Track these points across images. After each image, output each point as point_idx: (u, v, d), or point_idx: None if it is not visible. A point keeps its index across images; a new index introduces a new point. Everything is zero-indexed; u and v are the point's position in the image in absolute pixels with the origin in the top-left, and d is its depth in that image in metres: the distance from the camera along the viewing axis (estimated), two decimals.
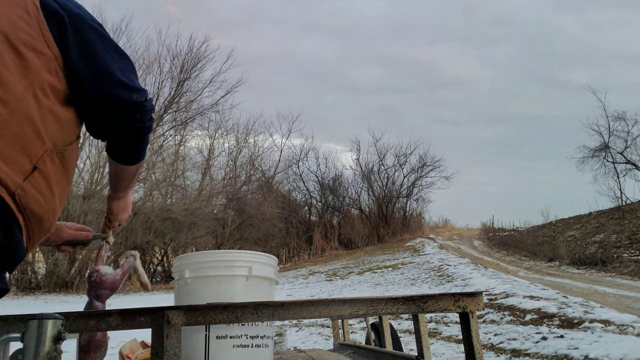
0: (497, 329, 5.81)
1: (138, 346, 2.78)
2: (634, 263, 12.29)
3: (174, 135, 22.16)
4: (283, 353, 2.78)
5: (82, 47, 1.05)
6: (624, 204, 19.01)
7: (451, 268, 12.09)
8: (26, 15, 0.98)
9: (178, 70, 21.07)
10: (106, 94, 1.08)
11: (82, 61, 1.04)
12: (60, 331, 0.78)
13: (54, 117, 1.01)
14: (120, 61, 1.12)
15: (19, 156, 0.92)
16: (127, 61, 1.15)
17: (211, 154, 24.96)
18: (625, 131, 19.43)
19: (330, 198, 27.63)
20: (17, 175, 0.91)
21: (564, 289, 8.69)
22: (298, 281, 15.02)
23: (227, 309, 1.31)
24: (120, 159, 1.29)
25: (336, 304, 1.39)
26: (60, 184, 1.04)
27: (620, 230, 15.96)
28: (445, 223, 32.85)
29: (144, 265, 20.17)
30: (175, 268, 1.89)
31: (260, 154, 27.11)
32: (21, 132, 0.92)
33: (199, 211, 20.09)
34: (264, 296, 1.80)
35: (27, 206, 0.93)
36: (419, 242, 21.16)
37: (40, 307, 11.06)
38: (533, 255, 17.25)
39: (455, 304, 1.46)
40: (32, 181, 0.94)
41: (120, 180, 1.42)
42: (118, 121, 1.14)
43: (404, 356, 2.03)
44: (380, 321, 2.70)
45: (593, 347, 4.49)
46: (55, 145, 1.01)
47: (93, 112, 1.11)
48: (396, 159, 28.05)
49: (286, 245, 23.87)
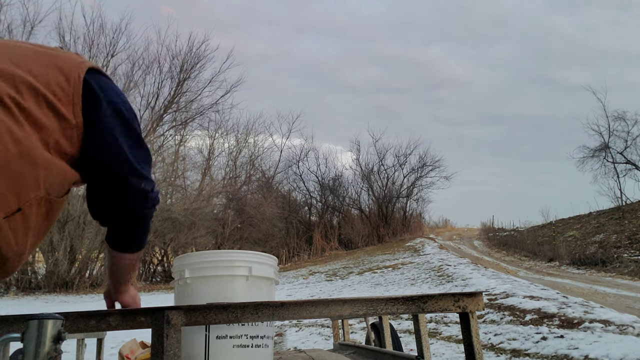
0: (497, 329, 5.81)
1: (138, 346, 2.78)
2: (634, 263, 12.29)
3: (174, 135, 22.19)
4: (283, 353, 2.78)
5: (108, 129, 1.12)
6: (624, 204, 19.01)
7: (451, 268, 12.09)
8: (65, 82, 1.06)
9: (178, 70, 21.10)
10: (117, 175, 1.15)
11: (103, 142, 1.11)
12: (60, 331, 0.78)
13: (59, 172, 1.03)
14: (138, 151, 1.19)
15: (9, 194, 0.92)
16: (145, 151, 1.22)
17: (211, 154, 24.98)
18: (625, 131, 19.45)
19: (330, 198, 27.65)
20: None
21: (564, 289, 8.69)
22: (298, 281, 15.02)
23: (227, 309, 1.31)
24: (120, 245, 1.30)
25: (336, 304, 1.39)
26: (38, 231, 1.04)
27: (620, 230, 15.95)
28: (445, 223, 32.89)
29: (143, 265, 20.20)
30: (175, 268, 1.89)
31: (260, 154, 27.15)
32: (20, 173, 0.93)
33: (199, 211, 20.09)
34: (264, 296, 1.80)
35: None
36: (419, 242, 21.16)
37: (40, 307, 11.06)
38: (533, 255, 17.24)
39: (455, 304, 1.46)
40: (10, 221, 0.93)
41: (121, 271, 1.40)
42: (121, 204, 1.19)
43: (404, 356, 2.02)
44: (380, 321, 2.70)
45: (593, 347, 4.49)
46: (48, 194, 1.02)
47: (99, 190, 1.17)
48: (396, 159, 28.10)
49: (286, 245, 23.87)
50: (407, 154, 27.91)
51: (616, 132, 19.69)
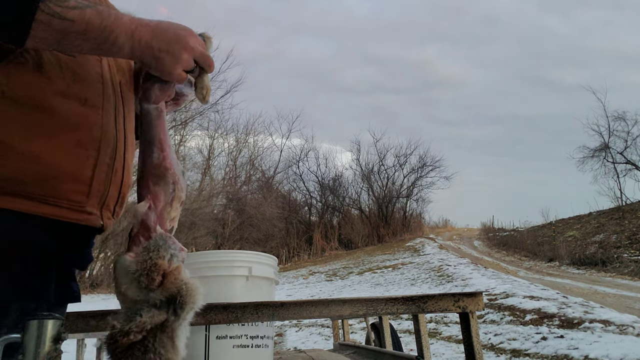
0: (497, 329, 5.81)
1: None
2: (634, 263, 12.29)
3: (174, 135, 22.15)
4: (283, 353, 2.78)
5: None
6: (624, 204, 19.01)
7: (451, 268, 12.09)
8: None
9: None
10: None
11: None
12: (60, 331, 0.78)
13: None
14: None
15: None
16: None
17: (211, 154, 25.00)
18: (625, 131, 19.46)
19: (330, 198, 27.65)
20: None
21: (564, 289, 8.68)
22: (298, 281, 15.02)
23: (227, 309, 1.31)
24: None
25: (336, 304, 1.39)
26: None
27: (620, 230, 15.95)
28: (445, 223, 32.85)
29: None
30: None
31: (260, 154, 27.17)
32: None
33: (199, 211, 20.10)
34: (264, 296, 1.80)
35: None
36: (419, 242, 21.16)
37: None
38: (533, 256, 17.24)
39: (455, 304, 1.46)
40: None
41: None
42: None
43: (404, 356, 2.03)
44: (380, 321, 2.70)
45: (593, 347, 4.49)
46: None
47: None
48: (396, 159, 28.09)
49: (286, 246, 23.87)
50: (408, 154, 27.95)
51: (616, 132, 19.73)
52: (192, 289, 0.84)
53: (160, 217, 0.91)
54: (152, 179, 0.92)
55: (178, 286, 0.83)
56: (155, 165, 0.93)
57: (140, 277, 0.82)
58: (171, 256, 0.86)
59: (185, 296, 0.83)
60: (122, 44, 0.85)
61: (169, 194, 0.93)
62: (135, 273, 0.82)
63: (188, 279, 0.85)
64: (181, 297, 0.82)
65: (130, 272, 0.82)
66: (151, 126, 0.97)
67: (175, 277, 0.83)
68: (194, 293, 0.85)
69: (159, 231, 0.89)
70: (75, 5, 0.80)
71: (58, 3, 0.78)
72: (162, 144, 0.95)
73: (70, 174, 0.91)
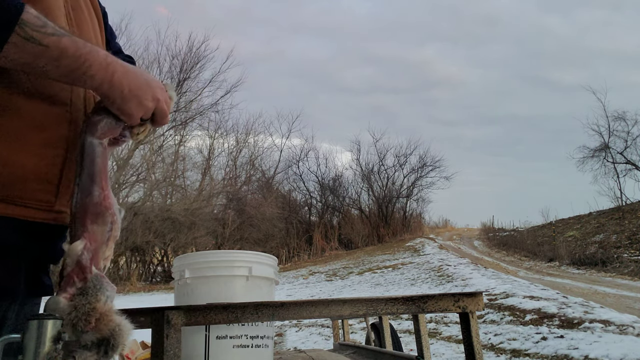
0: (497, 329, 5.81)
1: (138, 346, 2.78)
2: (634, 263, 12.29)
3: (174, 135, 22.20)
4: (283, 353, 2.78)
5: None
6: (624, 204, 19.02)
7: (451, 268, 12.09)
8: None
9: (177, 70, 21.15)
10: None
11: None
12: (60, 331, 0.78)
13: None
14: None
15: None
16: None
17: (211, 154, 25.00)
18: (625, 131, 19.47)
19: (330, 198, 27.66)
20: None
21: (564, 289, 8.68)
22: (298, 281, 15.02)
23: (227, 309, 1.31)
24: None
25: (336, 304, 1.39)
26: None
27: (620, 230, 15.96)
28: (445, 223, 32.88)
29: (143, 266, 20.03)
30: (175, 268, 1.89)
31: (260, 154, 27.16)
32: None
33: (199, 211, 20.10)
34: (264, 296, 1.80)
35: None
36: (419, 242, 21.17)
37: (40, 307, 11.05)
38: (533, 256, 17.24)
39: (455, 304, 1.46)
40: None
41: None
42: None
43: (404, 356, 2.03)
44: (380, 321, 2.70)
45: (593, 347, 4.49)
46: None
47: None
48: (396, 159, 28.11)
49: (286, 246, 23.87)
50: (408, 154, 27.97)
51: (616, 132, 19.74)
52: (124, 330, 0.85)
53: (95, 256, 0.90)
54: (90, 217, 0.91)
55: (111, 328, 0.83)
56: (95, 204, 0.92)
57: (77, 322, 0.81)
58: (107, 298, 0.86)
59: (118, 338, 0.83)
60: (94, 74, 0.85)
61: (106, 233, 0.92)
62: (71, 315, 0.82)
63: (120, 320, 0.86)
64: (114, 339, 0.83)
65: (65, 315, 0.82)
66: (95, 162, 0.94)
67: (109, 319, 0.84)
68: (125, 335, 0.85)
69: (94, 272, 0.88)
70: (53, 32, 0.80)
71: (36, 28, 0.78)
72: (103, 182, 0.94)
73: (37, 174, 0.91)
